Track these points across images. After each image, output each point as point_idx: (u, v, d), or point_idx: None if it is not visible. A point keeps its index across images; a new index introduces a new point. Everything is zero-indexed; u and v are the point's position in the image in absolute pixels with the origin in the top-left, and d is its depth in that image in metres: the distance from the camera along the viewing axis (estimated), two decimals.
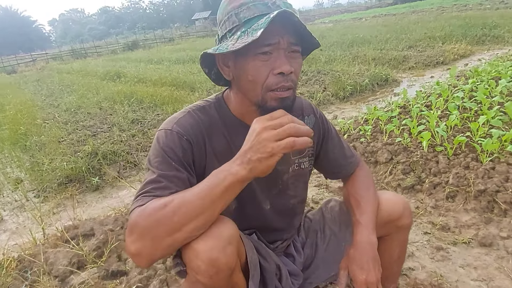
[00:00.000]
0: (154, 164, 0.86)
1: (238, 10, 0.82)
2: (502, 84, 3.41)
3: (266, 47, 0.79)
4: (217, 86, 6.45)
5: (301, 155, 1.06)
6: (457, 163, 2.33)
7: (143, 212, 0.76)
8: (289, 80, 0.83)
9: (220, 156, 0.94)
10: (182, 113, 0.94)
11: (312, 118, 1.08)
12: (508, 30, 9.10)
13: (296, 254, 1.13)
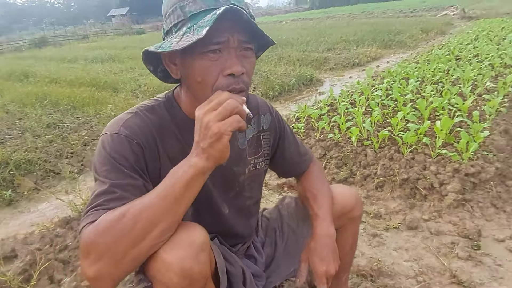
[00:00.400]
0: (103, 173, 0.76)
1: (184, 3, 0.75)
2: (412, 83, 3.83)
3: (214, 45, 0.74)
4: (142, 86, 6.18)
5: (256, 156, 1.04)
6: (383, 155, 2.55)
7: (98, 227, 0.67)
8: (240, 82, 0.77)
9: (173, 158, 0.87)
10: (129, 114, 0.85)
11: (269, 117, 1.06)
12: (409, 36, 10.29)
13: (257, 255, 1.11)
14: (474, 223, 1.98)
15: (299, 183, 1.16)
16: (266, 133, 1.05)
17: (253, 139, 1.02)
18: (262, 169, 1.08)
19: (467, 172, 2.22)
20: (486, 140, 2.53)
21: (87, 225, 0.69)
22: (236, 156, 0.97)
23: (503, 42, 6.52)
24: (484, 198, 2.15)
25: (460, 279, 1.61)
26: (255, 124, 1.03)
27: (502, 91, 3.45)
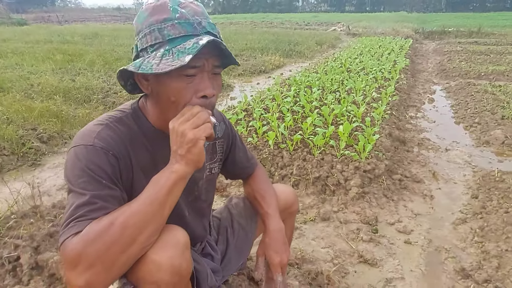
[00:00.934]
0: (80, 185, 0.77)
1: (162, 26, 0.79)
2: (315, 92, 4.30)
3: (191, 69, 0.80)
4: (36, 86, 5.48)
5: (212, 161, 1.13)
6: (297, 157, 2.83)
7: (86, 238, 0.69)
8: (211, 103, 0.85)
9: (145, 169, 0.91)
10: (99, 125, 0.85)
11: (223, 125, 1.16)
12: (306, 47, 11.31)
13: (213, 252, 1.19)
14: (372, 211, 2.37)
15: (247, 185, 1.28)
16: (220, 140, 1.15)
17: (209, 146, 1.10)
18: (216, 173, 1.17)
19: (365, 169, 2.64)
20: (377, 141, 3.03)
21: (71, 237, 0.70)
22: None
23: (381, 58, 7.70)
24: (378, 190, 2.59)
25: (366, 258, 1.93)
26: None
27: (385, 101, 4.13)
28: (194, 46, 0.76)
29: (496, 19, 25.92)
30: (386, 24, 20.48)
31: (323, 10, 75.19)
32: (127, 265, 0.73)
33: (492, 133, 3.71)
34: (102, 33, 15.69)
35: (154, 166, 0.91)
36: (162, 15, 0.80)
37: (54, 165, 3.27)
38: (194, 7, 0.83)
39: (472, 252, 2.01)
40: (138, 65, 0.80)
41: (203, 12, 0.85)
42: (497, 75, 6.83)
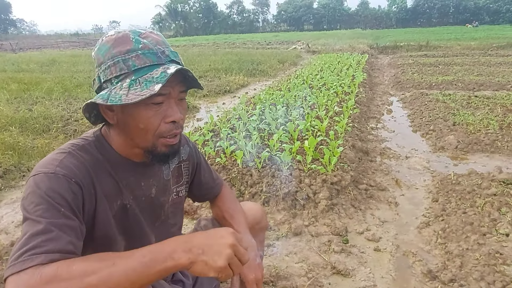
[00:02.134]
0: (37, 212, 0.73)
1: (126, 57, 0.81)
2: (280, 109, 4.40)
3: (159, 97, 0.82)
4: None
5: (178, 184, 1.12)
6: (265, 174, 2.86)
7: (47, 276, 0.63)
8: (179, 127, 0.88)
9: (109, 196, 0.90)
10: (62, 154, 0.84)
11: (187, 148, 1.17)
12: (269, 66, 11.59)
13: (184, 278, 1.17)
14: (341, 222, 2.43)
15: (214, 206, 1.28)
16: (185, 163, 1.15)
17: (175, 169, 1.11)
18: (183, 196, 1.16)
19: (332, 181, 2.71)
20: (342, 154, 3.13)
21: (26, 270, 0.64)
22: (162, 187, 1.05)
23: (341, 73, 8.04)
24: (346, 201, 2.66)
25: (338, 269, 1.97)
26: (176, 156, 1.12)
27: (346, 114, 4.30)
28: (162, 75, 0.79)
29: (441, 33, 27.97)
30: (343, 41, 21.49)
31: (283, 29, 77.78)
32: None
33: (446, 139, 3.95)
34: (60, 59, 15.26)
35: (119, 193, 0.92)
36: (125, 47, 0.82)
37: (11, 201, 3.08)
38: (155, 36, 0.86)
39: (437, 254, 2.10)
40: (106, 97, 0.80)
41: (164, 41, 0.88)
42: (446, 85, 7.33)
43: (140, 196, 0.98)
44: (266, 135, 3.64)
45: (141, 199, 0.99)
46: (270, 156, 3.04)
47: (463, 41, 19.12)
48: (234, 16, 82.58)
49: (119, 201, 0.93)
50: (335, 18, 74.80)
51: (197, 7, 78.20)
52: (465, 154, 3.68)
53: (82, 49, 28.81)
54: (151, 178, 1.01)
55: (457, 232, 2.24)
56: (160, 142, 0.88)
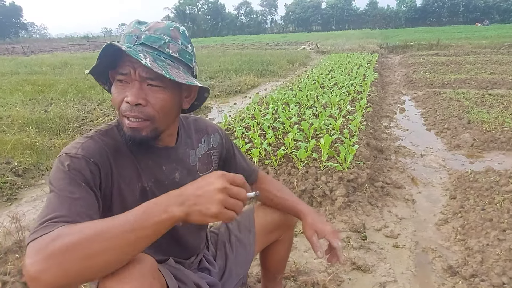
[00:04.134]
0: (60, 186, 0.79)
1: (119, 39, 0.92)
2: (293, 108, 4.42)
3: (120, 75, 0.87)
4: (5, 119, 5.31)
5: (207, 172, 1.14)
6: (282, 172, 2.89)
7: (55, 236, 0.67)
8: (134, 111, 0.86)
9: (129, 178, 0.94)
10: (86, 138, 0.91)
11: (217, 136, 1.19)
12: (279, 66, 11.60)
13: (210, 266, 1.19)
14: (359, 219, 2.44)
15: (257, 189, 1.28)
16: (215, 151, 1.18)
17: (204, 156, 1.13)
18: None
19: (348, 178, 2.72)
20: (357, 151, 3.13)
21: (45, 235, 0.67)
22: (188, 172, 1.07)
23: (351, 73, 8.02)
24: (363, 198, 2.67)
25: (358, 265, 1.98)
26: (205, 143, 1.15)
27: (360, 113, 4.29)
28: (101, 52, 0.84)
29: (451, 32, 27.70)
30: (352, 41, 21.41)
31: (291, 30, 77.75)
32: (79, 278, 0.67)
33: (461, 137, 3.93)
34: (71, 62, 15.48)
35: (138, 176, 0.96)
36: (126, 30, 0.92)
37: (32, 199, 3.15)
38: (156, 24, 0.90)
39: (456, 250, 2.10)
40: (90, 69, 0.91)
41: (160, 29, 0.89)
42: (459, 83, 7.26)
43: (162, 180, 1.00)
44: (281, 134, 3.66)
45: (163, 183, 1.00)
46: (286, 154, 3.06)
47: (474, 40, 18.91)
48: (242, 18, 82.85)
49: (139, 183, 0.96)
50: (343, 18, 74.51)
51: (205, 9, 78.70)
52: (481, 152, 3.65)
53: (93, 52, 29.17)
54: (174, 162, 1.03)
55: (476, 228, 2.23)
56: (123, 121, 0.89)
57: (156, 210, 0.71)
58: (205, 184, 0.74)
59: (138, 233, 0.69)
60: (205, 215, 0.72)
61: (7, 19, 66.74)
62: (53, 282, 0.64)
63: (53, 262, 0.64)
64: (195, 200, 0.72)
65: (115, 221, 0.70)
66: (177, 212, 0.71)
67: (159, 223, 0.70)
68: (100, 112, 5.80)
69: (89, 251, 0.65)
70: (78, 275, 0.66)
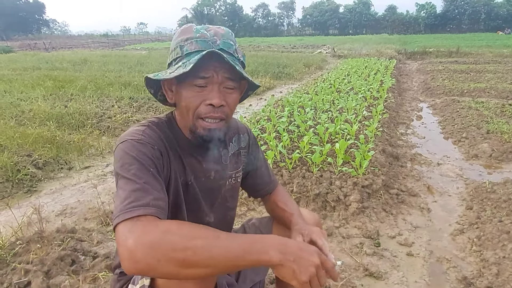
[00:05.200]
0: (131, 171, 0.83)
1: (184, 43, 0.92)
2: (308, 111, 4.42)
3: (200, 79, 0.90)
4: (27, 113, 5.47)
5: (237, 170, 1.18)
6: (296, 175, 2.89)
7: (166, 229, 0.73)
8: (219, 112, 0.93)
9: (175, 171, 0.99)
10: (143, 126, 0.96)
11: (246, 136, 1.23)
12: (295, 69, 11.60)
13: None
14: (373, 225, 2.43)
15: (268, 199, 1.29)
16: (244, 151, 1.21)
17: (234, 155, 1.17)
18: (239, 183, 1.22)
19: (363, 184, 2.71)
20: (372, 158, 3.12)
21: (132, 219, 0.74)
22: (221, 170, 1.11)
23: (368, 78, 7.96)
24: (377, 204, 2.65)
25: (371, 271, 1.97)
26: (236, 142, 1.19)
27: (376, 118, 4.27)
28: (196, 57, 0.86)
29: (472, 40, 27.15)
30: (370, 46, 21.21)
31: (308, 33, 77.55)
32: (166, 276, 0.75)
33: (479, 147, 3.86)
34: (91, 59, 15.80)
35: (183, 170, 1.02)
36: (186, 35, 0.93)
37: (51, 191, 3.24)
38: (218, 29, 0.94)
39: (472, 261, 2.07)
40: (156, 74, 0.93)
41: (225, 34, 0.94)
42: (478, 92, 7.12)
43: (200, 176, 1.06)
44: (296, 137, 3.67)
45: (201, 180, 1.06)
46: (301, 157, 3.07)
47: (495, 48, 18.49)
48: (259, 20, 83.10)
49: (183, 177, 1.02)
50: (361, 23, 73.90)
51: (223, 10, 79.26)
52: (499, 162, 3.58)
53: (112, 49, 29.74)
54: (211, 161, 1.08)
55: (493, 240, 2.19)
56: (199, 123, 0.94)
57: (260, 248, 0.76)
58: (307, 251, 0.80)
59: (237, 262, 0.75)
60: (295, 276, 0.77)
61: (30, 15, 68.52)
62: (148, 270, 0.71)
63: (158, 254, 0.70)
64: (295, 258, 0.78)
65: (221, 242, 0.75)
66: (275, 259, 0.76)
67: (257, 261, 0.76)
68: (118, 109, 5.91)
69: (192, 262, 0.71)
70: (170, 273, 0.72)
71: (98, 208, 2.73)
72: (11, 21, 61.41)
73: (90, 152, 4.20)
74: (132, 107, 6.15)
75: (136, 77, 9.52)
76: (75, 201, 2.98)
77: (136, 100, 6.62)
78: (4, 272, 1.70)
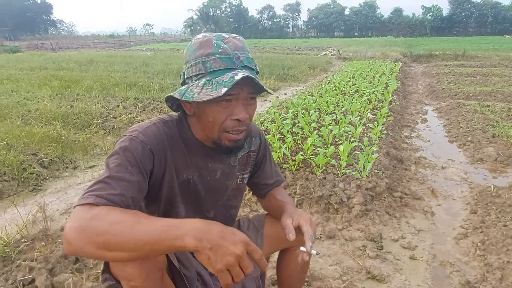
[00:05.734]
0: (110, 164, 0.90)
1: (206, 59, 0.92)
2: (312, 113, 4.41)
3: (228, 96, 0.92)
4: (33, 112, 5.51)
5: (244, 171, 1.22)
6: (300, 177, 2.89)
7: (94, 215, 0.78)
8: (243, 125, 0.98)
9: (178, 168, 1.03)
10: (148, 123, 1.00)
11: (258, 140, 1.26)
12: (300, 71, 11.60)
13: None
14: (376, 228, 2.42)
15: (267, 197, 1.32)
16: (253, 153, 1.25)
17: (243, 157, 1.21)
18: (245, 183, 1.26)
19: (366, 187, 2.70)
20: (376, 160, 3.11)
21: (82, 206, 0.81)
22: (227, 171, 1.15)
23: (373, 81, 7.94)
24: (380, 207, 2.65)
25: (373, 274, 1.97)
26: (247, 145, 1.22)
27: (380, 121, 4.25)
28: (230, 80, 0.88)
29: (478, 43, 26.97)
30: (375, 49, 21.14)
31: (313, 35, 77.51)
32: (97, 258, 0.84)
33: (485, 151, 3.83)
34: (97, 59, 15.91)
35: (187, 168, 1.05)
36: (207, 50, 0.93)
37: (56, 190, 3.27)
38: (236, 42, 0.96)
39: (475, 265, 2.06)
40: (182, 93, 0.94)
41: (243, 47, 0.96)
42: (484, 96, 7.08)
43: (205, 175, 1.10)
44: (300, 139, 3.67)
45: (206, 178, 1.11)
46: (304, 159, 3.07)
47: (502, 52, 18.37)
48: (265, 22, 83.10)
49: (185, 174, 1.06)
50: (366, 25, 73.72)
51: (228, 12, 79.42)
52: (505, 167, 3.56)
53: (118, 50, 29.91)
54: (218, 162, 1.12)
55: (497, 244, 2.18)
56: (224, 136, 0.98)
57: (175, 234, 0.76)
58: (229, 238, 0.78)
59: (153, 246, 0.76)
60: (210, 264, 0.76)
61: (38, 16, 69.14)
62: (79, 250, 0.77)
63: (84, 236, 0.75)
64: (212, 246, 0.76)
65: (140, 226, 0.77)
66: (190, 245, 0.76)
67: (172, 247, 0.77)
68: (123, 109, 5.95)
69: (109, 244, 0.76)
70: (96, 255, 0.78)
71: None
72: (19, 22, 62.01)
73: (95, 151, 4.23)
74: (137, 107, 6.19)
75: (141, 77, 9.58)
76: None
77: (141, 100, 6.65)
78: (9, 269, 1.72)
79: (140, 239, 0.76)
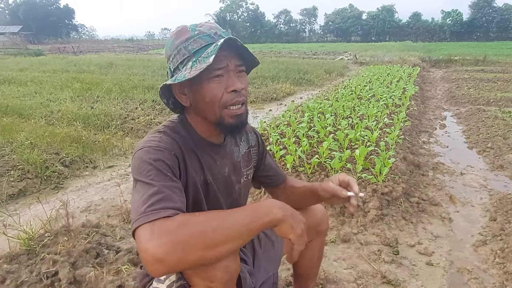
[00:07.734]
0: (149, 177, 0.87)
1: (186, 44, 0.95)
2: (328, 117, 4.41)
3: (217, 71, 0.93)
4: (56, 113, 5.69)
5: (248, 168, 1.23)
6: (315, 180, 2.90)
7: (181, 223, 0.77)
8: (241, 95, 0.97)
9: (195, 171, 1.03)
10: (159, 133, 0.99)
11: (254, 135, 1.28)
12: (316, 76, 11.58)
13: (245, 257, 1.25)
14: (391, 233, 2.41)
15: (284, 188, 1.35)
16: (254, 149, 1.26)
17: (245, 153, 1.22)
18: (250, 179, 1.27)
19: (382, 191, 2.69)
20: (393, 165, 3.09)
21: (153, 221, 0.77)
22: (233, 167, 1.16)
23: (390, 85, 7.86)
24: (396, 212, 2.62)
25: (389, 279, 1.96)
26: (245, 141, 1.23)
27: (397, 126, 4.21)
28: (214, 48, 0.90)
29: (499, 48, 26.32)
30: (393, 53, 20.90)
31: (330, 40, 77.12)
32: (197, 263, 0.79)
33: (505, 158, 3.75)
34: (116, 62, 16.29)
35: (201, 169, 1.05)
36: (185, 36, 0.96)
37: (76, 188, 3.37)
38: (209, 24, 1.00)
39: (494, 273, 2.02)
40: (173, 79, 0.95)
41: (217, 27, 1.00)
42: (506, 102, 6.91)
43: (216, 174, 1.10)
44: (315, 142, 3.68)
45: (217, 177, 1.10)
46: (320, 163, 3.07)
47: None
48: (281, 26, 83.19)
49: (202, 176, 1.06)
50: (384, 30, 72.91)
51: (245, 16, 79.97)
52: None
53: (136, 54, 30.52)
54: (224, 158, 1.12)
55: None
56: (225, 113, 0.97)
57: (263, 211, 0.86)
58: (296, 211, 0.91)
59: (250, 227, 0.82)
60: (293, 230, 0.88)
61: (61, 20, 71.17)
62: (176, 265, 0.75)
63: (180, 247, 0.74)
64: (291, 214, 0.88)
65: (232, 217, 0.82)
66: (279, 215, 0.86)
67: (267, 222, 0.85)
68: (141, 111, 6.07)
69: (213, 241, 0.77)
70: (196, 261, 0.77)
71: (120, 206, 2.83)
72: (43, 26, 63.97)
73: (114, 152, 4.34)
74: (155, 109, 6.31)
75: (159, 80, 9.75)
76: (99, 199, 3.09)
77: (158, 103, 6.77)
78: (33, 261, 1.80)
79: (240, 225, 0.81)
